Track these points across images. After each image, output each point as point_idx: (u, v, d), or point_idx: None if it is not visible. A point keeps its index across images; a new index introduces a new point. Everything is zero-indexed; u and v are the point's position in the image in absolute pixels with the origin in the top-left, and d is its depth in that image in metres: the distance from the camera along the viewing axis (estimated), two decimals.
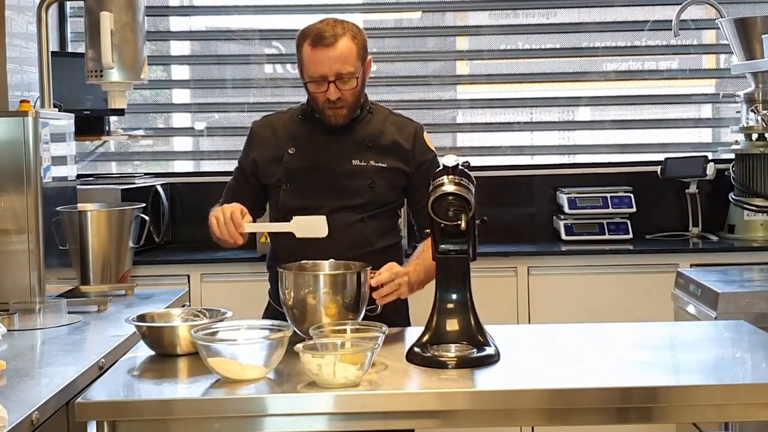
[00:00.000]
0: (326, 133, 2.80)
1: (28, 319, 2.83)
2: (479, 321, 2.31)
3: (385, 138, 2.81)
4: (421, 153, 2.83)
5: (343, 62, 2.69)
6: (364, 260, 2.53)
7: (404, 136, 2.83)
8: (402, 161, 2.81)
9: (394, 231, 2.88)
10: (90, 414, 2.02)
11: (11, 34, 3.99)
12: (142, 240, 3.47)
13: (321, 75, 2.69)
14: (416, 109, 4.95)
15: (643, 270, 4.30)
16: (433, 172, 2.78)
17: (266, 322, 2.31)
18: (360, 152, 2.79)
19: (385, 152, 2.80)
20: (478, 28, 5.05)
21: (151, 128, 5.12)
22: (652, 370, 2.24)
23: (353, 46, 2.71)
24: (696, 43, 5.04)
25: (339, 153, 2.79)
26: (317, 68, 2.69)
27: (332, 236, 2.63)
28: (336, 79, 2.69)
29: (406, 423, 2.12)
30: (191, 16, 5.18)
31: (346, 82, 2.71)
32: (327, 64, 2.68)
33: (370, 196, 2.76)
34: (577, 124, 5.09)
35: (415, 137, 2.84)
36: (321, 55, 2.68)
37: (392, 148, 2.81)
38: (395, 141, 2.82)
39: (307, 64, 2.72)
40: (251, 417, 2.04)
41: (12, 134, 2.99)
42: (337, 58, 2.68)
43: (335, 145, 2.79)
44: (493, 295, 4.12)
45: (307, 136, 2.82)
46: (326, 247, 2.63)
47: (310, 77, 2.72)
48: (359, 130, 2.81)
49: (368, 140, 2.80)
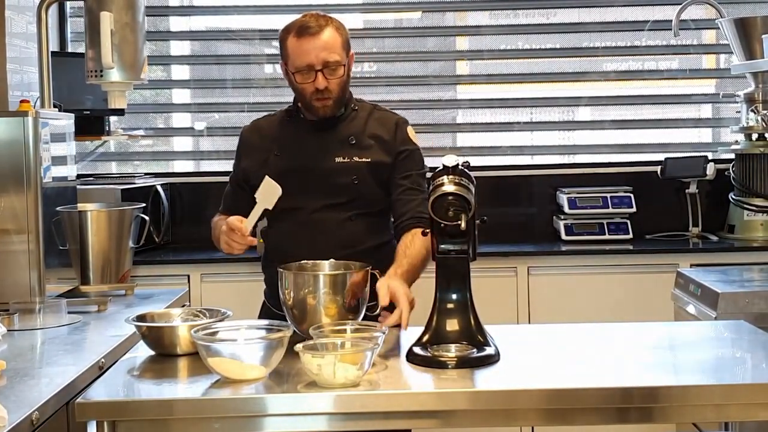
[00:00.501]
0: (310, 132, 2.82)
1: (28, 319, 2.83)
2: (479, 321, 2.31)
3: (368, 133, 2.83)
4: (402, 143, 2.83)
5: (329, 50, 2.72)
6: (355, 259, 2.54)
7: (386, 128, 2.85)
8: (384, 153, 2.82)
9: (386, 230, 2.87)
10: (90, 414, 2.02)
11: (11, 34, 3.99)
12: (142, 240, 3.47)
13: (308, 64, 2.72)
14: (416, 109, 4.96)
15: (643, 270, 4.30)
16: (411, 163, 2.82)
17: (266, 322, 2.31)
18: (343, 149, 2.80)
19: (368, 147, 2.81)
20: (478, 28, 5.05)
21: (151, 128, 5.12)
22: (652, 370, 2.24)
23: (338, 36, 2.75)
24: (696, 43, 5.04)
25: (322, 151, 2.80)
26: (304, 58, 2.72)
27: (321, 235, 2.64)
28: (323, 67, 2.71)
29: (406, 423, 2.12)
30: (191, 16, 5.18)
31: (333, 71, 2.73)
32: (313, 53, 2.71)
33: (355, 193, 2.76)
34: (577, 124, 5.09)
35: (396, 128, 2.85)
36: (307, 45, 2.71)
37: (375, 142, 2.82)
38: (377, 134, 2.83)
39: (293, 55, 2.74)
40: (251, 417, 2.04)
41: (12, 134, 2.99)
42: (323, 47, 2.71)
43: (319, 144, 2.81)
44: (493, 295, 4.12)
45: (292, 137, 2.84)
46: (316, 247, 2.65)
47: (297, 68, 2.74)
48: (343, 127, 2.83)
49: (351, 137, 2.82)
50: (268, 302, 2.88)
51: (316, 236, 2.71)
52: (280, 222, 2.83)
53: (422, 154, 2.88)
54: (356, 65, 5.15)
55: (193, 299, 4.13)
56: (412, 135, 2.87)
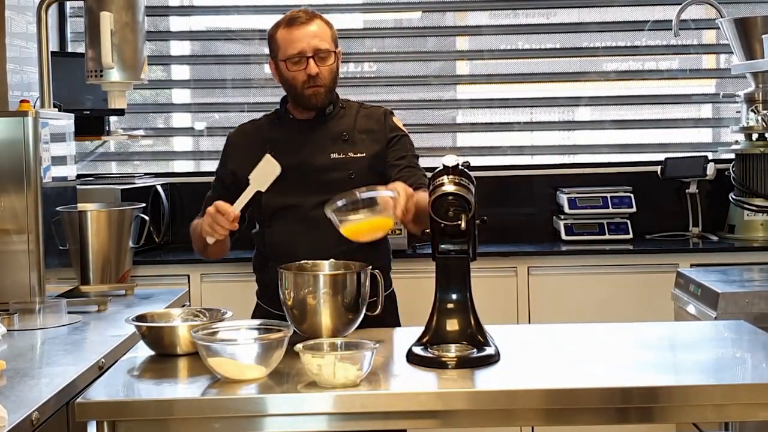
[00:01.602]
0: (302, 131, 2.85)
1: (28, 319, 2.82)
2: (479, 321, 2.31)
3: (359, 129, 2.87)
4: (391, 130, 2.89)
5: (320, 38, 2.78)
6: (352, 255, 2.53)
7: (374, 120, 2.90)
8: (377, 143, 2.86)
9: None
10: (90, 414, 2.02)
11: (11, 34, 3.99)
12: (142, 240, 3.47)
13: (299, 51, 2.76)
14: (416, 109, 4.96)
15: (643, 270, 4.30)
16: (403, 147, 2.85)
17: (266, 322, 2.31)
18: (337, 145, 2.83)
19: (361, 142, 2.85)
20: (478, 28, 5.05)
21: (151, 128, 5.12)
22: (652, 370, 2.24)
23: (327, 28, 2.82)
24: (696, 43, 5.03)
25: (317, 148, 2.83)
26: (296, 45, 2.77)
27: (319, 232, 2.64)
28: (314, 54, 2.76)
29: (406, 423, 2.12)
30: (191, 16, 5.18)
31: (323, 59, 2.78)
32: (305, 40, 2.76)
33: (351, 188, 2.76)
34: (577, 124, 5.09)
35: (384, 118, 2.91)
36: (298, 33, 2.77)
37: (367, 136, 2.86)
38: (368, 129, 2.87)
39: (284, 44, 2.79)
40: (251, 417, 2.04)
41: (12, 134, 2.99)
42: (314, 34, 2.77)
43: (312, 142, 2.83)
44: (493, 295, 4.12)
45: (283, 138, 2.85)
46: (314, 244, 2.65)
47: (288, 56, 2.77)
48: (333, 125, 2.87)
49: (344, 133, 2.85)
50: (263, 302, 2.88)
51: (314, 233, 2.71)
52: (278, 220, 2.83)
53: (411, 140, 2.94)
54: (356, 65, 5.19)
55: (193, 299, 4.13)
56: (398, 123, 2.93)
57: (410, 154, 2.89)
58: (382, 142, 2.86)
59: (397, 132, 2.89)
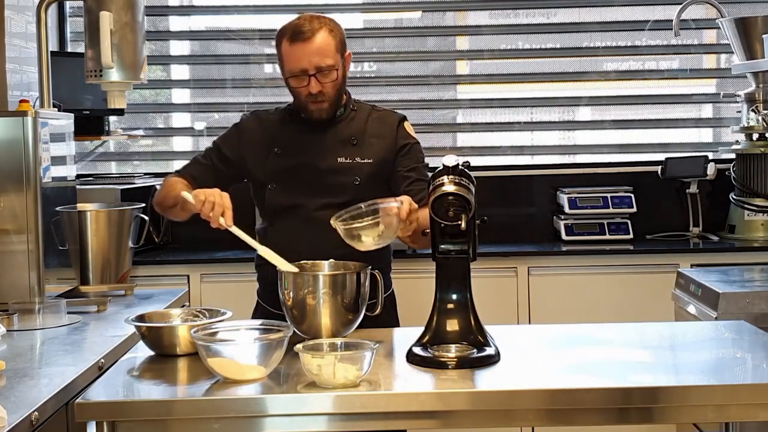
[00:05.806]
0: (311, 132, 2.84)
1: (28, 319, 2.82)
2: (479, 321, 2.31)
3: (369, 134, 2.85)
4: (403, 138, 2.87)
5: (322, 55, 2.74)
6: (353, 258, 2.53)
7: (386, 126, 2.88)
8: (386, 150, 2.84)
9: None
10: (89, 414, 2.02)
11: (11, 34, 3.99)
12: (142, 240, 3.47)
13: (301, 69, 2.74)
14: (416, 109, 4.95)
15: (643, 270, 4.30)
16: (414, 157, 2.83)
17: (266, 322, 2.31)
18: (345, 149, 2.82)
19: (370, 148, 2.83)
20: (478, 28, 5.05)
21: (151, 128, 5.12)
22: (652, 370, 2.24)
23: (331, 40, 2.77)
24: (696, 42, 5.03)
25: (324, 151, 2.82)
26: (297, 63, 2.74)
27: (321, 233, 2.63)
28: (316, 72, 2.74)
29: (406, 423, 2.12)
30: (191, 16, 5.18)
31: (326, 75, 2.75)
32: (306, 58, 2.73)
33: (355, 193, 2.76)
34: (578, 124, 5.08)
35: (397, 125, 2.88)
36: (299, 50, 2.73)
37: (377, 142, 2.84)
38: (379, 134, 2.85)
39: (287, 59, 2.77)
40: (251, 417, 2.04)
41: (11, 134, 2.99)
42: (316, 52, 2.73)
43: (320, 144, 2.82)
44: (493, 295, 4.12)
45: (293, 137, 2.85)
46: (315, 245, 2.64)
47: (291, 72, 2.76)
48: (343, 128, 2.85)
49: (353, 137, 2.84)
50: (263, 301, 2.88)
51: (316, 234, 2.70)
52: (281, 220, 2.83)
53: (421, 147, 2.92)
54: (356, 65, 5.19)
55: (192, 299, 4.13)
56: (410, 130, 2.90)
57: (421, 165, 2.85)
58: (391, 150, 2.84)
59: (408, 140, 2.87)
